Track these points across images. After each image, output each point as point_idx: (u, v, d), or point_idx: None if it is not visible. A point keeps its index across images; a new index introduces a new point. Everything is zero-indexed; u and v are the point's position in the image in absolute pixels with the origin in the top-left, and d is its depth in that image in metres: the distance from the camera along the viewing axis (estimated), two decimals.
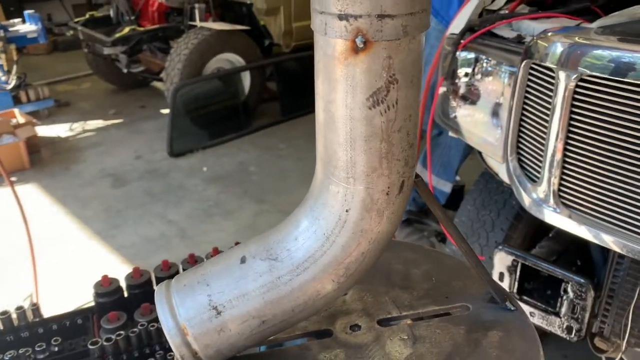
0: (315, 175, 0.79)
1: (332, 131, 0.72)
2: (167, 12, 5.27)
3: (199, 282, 0.78)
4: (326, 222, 0.76)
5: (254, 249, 0.79)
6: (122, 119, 5.38)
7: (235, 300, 0.77)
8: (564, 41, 1.37)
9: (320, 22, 0.67)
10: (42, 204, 3.80)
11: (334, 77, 0.69)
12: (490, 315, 0.93)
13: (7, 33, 4.96)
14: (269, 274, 0.77)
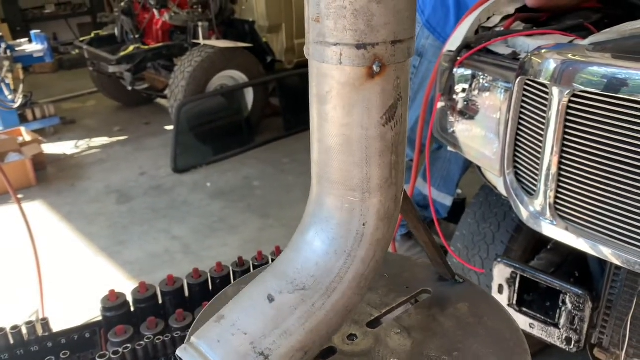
0: (319, 197, 0.80)
1: (347, 153, 0.75)
2: (171, 30, 5.35)
3: (234, 334, 0.76)
4: (345, 240, 0.79)
5: (276, 284, 0.79)
6: (126, 135, 5.44)
7: (278, 339, 0.76)
8: (557, 58, 1.41)
9: (334, 53, 0.70)
10: (49, 220, 3.84)
11: (350, 102, 0.72)
12: (450, 292, 1.07)
13: (14, 53, 5.03)
14: (303, 304, 0.77)
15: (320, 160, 0.78)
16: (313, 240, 0.79)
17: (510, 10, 1.96)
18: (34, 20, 8.51)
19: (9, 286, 3.05)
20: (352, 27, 0.67)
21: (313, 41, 0.71)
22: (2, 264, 3.29)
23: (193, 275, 1.53)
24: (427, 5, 2.33)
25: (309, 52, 0.72)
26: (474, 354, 0.90)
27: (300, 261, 0.79)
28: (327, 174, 0.77)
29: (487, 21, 1.93)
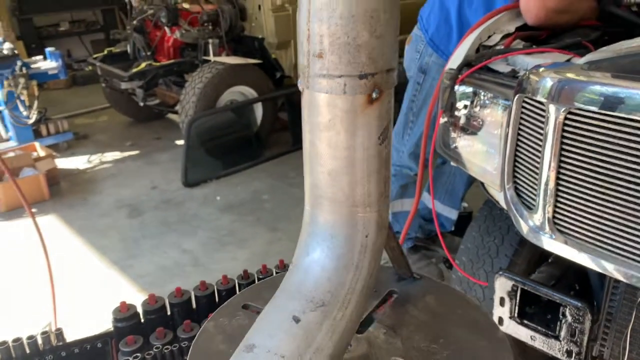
0: (319, 217, 0.86)
1: (350, 173, 0.83)
2: (182, 47, 5.45)
3: (259, 352, 0.81)
4: (352, 254, 0.86)
5: (298, 305, 0.84)
6: (138, 150, 5.53)
7: (314, 356, 0.81)
8: (553, 76, 1.45)
9: (338, 84, 0.77)
10: (62, 234, 3.92)
11: (353, 126, 0.80)
12: (413, 289, 1.19)
13: (29, 70, 5.14)
14: (327, 319, 0.83)
15: (322, 184, 0.84)
16: (321, 258, 0.86)
17: (510, 28, 2.00)
18: (49, 38, 8.69)
19: (23, 298, 3.11)
20: (355, 60, 0.74)
21: (315, 75, 0.78)
22: (17, 276, 3.36)
23: (200, 287, 1.58)
24: (431, 23, 2.39)
25: (308, 84, 0.78)
26: (457, 338, 1.02)
27: (313, 280, 0.85)
28: (330, 194, 0.84)
29: (488, 39, 1.98)
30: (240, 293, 1.19)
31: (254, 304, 1.13)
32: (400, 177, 2.70)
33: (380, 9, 0.70)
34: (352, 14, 0.71)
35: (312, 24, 0.73)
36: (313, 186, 0.85)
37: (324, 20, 0.73)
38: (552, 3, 1.93)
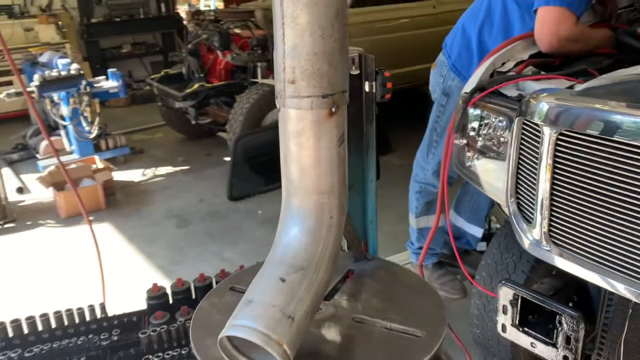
0: (295, 204, 1.09)
1: (319, 168, 1.10)
2: (233, 70, 5.77)
3: (266, 308, 1.05)
4: (320, 231, 1.14)
5: (282, 269, 1.11)
6: (189, 165, 5.86)
7: (297, 305, 1.06)
8: (549, 101, 1.60)
9: (307, 102, 1.04)
10: (114, 240, 4.23)
11: (319, 133, 1.06)
12: (367, 267, 1.52)
13: (92, 89, 5.55)
14: (305, 279, 1.10)
15: (296, 178, 1.09)
16: (297, 235, 1.12)
17: (524, 56, 2.14)
18: (112, 59, 9.28)
19: (76, 293, 3.41)
20: (319, 84, 1.02)
21: (289, 96, 1.05)
22: (73, 274, 3.67)
23: (220, 275, 1.83)
24: (454, 50, 2.55)
25: (284, 103, 1.02)
26: (403, 299, 1.39)
27: (293, 251, 1.12)
28: (303, 186, 1.07)
29: (502, 66, 2.12)
30: (227, 278, 1.48)
31: (238, 286, 1.42)
32: (426, 194, 2.84)
33: (336, 49, 0.92)
34: (316, 52, 0.98)
35: (286, 59, 1.01)
36: (288, 180, 1.09)
37: (296, 57, 1.00)
38: (565, 32, 2.06)
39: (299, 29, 0.97)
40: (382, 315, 1.29)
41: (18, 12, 8.57)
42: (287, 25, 0.98)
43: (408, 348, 1.21)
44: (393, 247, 3.61)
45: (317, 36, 0.96)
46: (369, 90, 1.43)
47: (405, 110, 5.79)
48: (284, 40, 0.99)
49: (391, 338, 1.24)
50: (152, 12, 9.73)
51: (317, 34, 0.97)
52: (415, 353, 1.18)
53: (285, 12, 0.98)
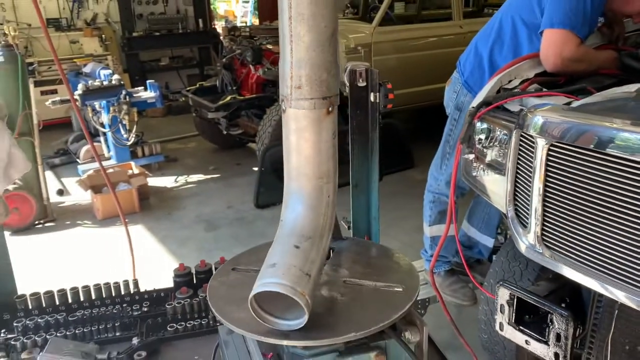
0: (296, 187, 1.30)
1: (319, 157, 1.37)
2: (264, 83, 6.01)
3: (289, 268, 1.31)
4: (320, 207, 1.43)
5: (295, 239, 1.38)
6: (219, 174, 6.11)
7: (310, 265, 1.34)
8: (543, 114, 1.74)
9: (310, 103, 1.28)
10: (147, 241, 4.48)
11: (318, 129, 1.33)
12: (345, 244, 1.84)
13: (131, 99, 5.81)
14: (314, 245, 1.38)
15: (300, 165, 1.31)
16: (302, 211, 1.39)
17: (530, 74, 2.29)
18: (151, 71, 9.68)
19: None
20: (320, 89, 1.25)
21: (296, 99, 1.29)
22: (107, 265, 3.91)
23: (220, 262, 2.07)
24: (467, 67, 2.70)
25: (291, 105, 1.22)
26: (380, 264, 1.70)
27: (300, 225, 1.39)
28: (306, 172, 1.30)
29: (508, 83, 2.27)
30: (227, 262, 1.73)
31: (239, 267, 1.66)
32: (439, 203, 2.98)
33: (332, 61, 1.12)
34: (317, 63, 1.17)
35: (294, 69, 1.22)
36: (292, 168, 1.29)
37: (302, 67, 1.26)
38: (568, 53, 2.21)
39: (304, 45, 1.20)
40: (366, 277, 1.59)
41: (65, 25, 9.05)
42: (294, 43, 1.21)
43: (394, 298, 1.50)
44: (409, 255, 3.74)
45: (319, 51, 1.18)
46: (373, 100, 1.61)
47: (429, 127, 5.94)
48: (291, 54, 1.22)
49: (379, 293, 1.53)
50: (190, 27, 10.14)
51: (319, 49, 1.19)
52: (400, 301, 1.48)
53: (293, 32, 1.21)
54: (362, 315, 1.44)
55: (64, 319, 2.02)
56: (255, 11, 15.37)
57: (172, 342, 1.99)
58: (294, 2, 1.24)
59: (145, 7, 9.92)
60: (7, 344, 2.03)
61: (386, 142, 5.75)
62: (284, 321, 1.31)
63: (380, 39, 5.88)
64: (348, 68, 1.79)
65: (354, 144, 1.84)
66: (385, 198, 5.06)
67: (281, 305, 1.33)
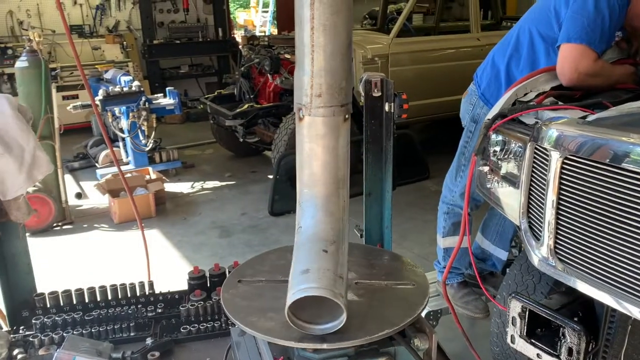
0: (314, 195, 1.33)
1: (337, 163, 1.43)
2: (281, 92, 6.06)
3: (323, 272, 1.36)
4: (338, 212, 1.49)
5: (322, 244, 1.43)
6: (235, 181, 6.16)
7: (340, 268, 1.40)
8: (558, 127, 1.75)
9: (331, 111, 1.33)
10: (162, 245, 4.53)
11: (338, 135, 1.39)
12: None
13: (150, 105, 5.89)
14: (339, 248, 1.44)
15: (318, 171, 1.39)
16: (322, 217, 1.43)
17: (546, 87, 2.30)
18: (170, 78, 9.82)
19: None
20: (339, 97, 1.30)
21: (316, 106, 1.32)
22: (123, 268, 3.95)
23: (234, 266, 2.08)
24: (484, 80, 2.72)
25: (310, 113, 1.24)
26: (383, 264, 1.77)
27: (323, 229, 1.43)
28: (324, 178, 1.35)
29: (524, 96, 2.28)
30: (230, 275, 1.70)
31: (244, 279, 1.67)
32: (453, 215, 2.98)
33: (348, 69, 1.15)
34: (338, 71, 1.27)
35: (314, 78, 1.24)
36: (310, 174, 1.31)
37: (322, 76, 1.30)
38: (584, 68, 2.21)
39: (325, 55, 1.24)
40: (374, 277, 1.64)
41: (88, 32, 9.23)
42: (316, 52, 1.24)
43: (409, 293, 1.55)
44: (423, 267, 3.74)
45: (339, 60, 1.20)
46: (388, 110, 1.63)
47: (446, 138, 5.94)
48: (312, 64, 1.25)
49: (392, 290, 1.57)
50: (210, 36, 10.27)
51: (339, 58, 1.23)
52: (417, 295, 1.54)
53: (315, 42, 1.24)
54: (375, 319, 1.45)
55: (80, 317, 2.07)
56: (274, 21, 15.51)
57: (185, 344, 2.02)
58: (316, 14, 1.27)
59: (167, 16, 10.08)
60: (26, 341, 2.09)
61: (402, 152, 5.78)
62: (318, 326, 1.33)
63: (397, 50, 5.91)
64: (363, 78, 1.82)
65: (368, 153, 1.86)
66: (399, 208, 5.06)
67: (307, 313, 1.36)
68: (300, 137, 1.41)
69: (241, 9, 21.09)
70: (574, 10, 2.26)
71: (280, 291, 1.53)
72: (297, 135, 1.43)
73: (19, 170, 2.03)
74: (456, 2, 10.26)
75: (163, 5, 10.05)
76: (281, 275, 1.66)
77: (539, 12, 2.53)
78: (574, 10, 2.26)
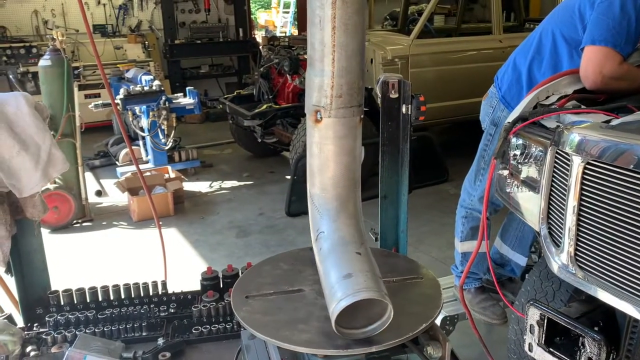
0: (344, 195, 1.42)
1: (355, 163, 1.44)
2: (300, 93, 6.04)
3: (365, 273, 1.37)
4: (356, 213, 1.53)
5: (352, 247, 1.46)
6: (253, 181, 6.16)
7: (376, 267, 1.43)
8: (579, 132, 1.70)
9: (351, 111, 1.34)
10: (180, 244, 4.54)
11: (356, 135, 1.42)
12: None
13: (170, 104, 5.93)
14: (367, 249, 1.48)
15: (340, 173, 1.42)
16: (346, 220, 1.45)
17: (568, 91, 2.24)
18: (191, 78, 9.88)
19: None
20: (357, 96, 1.32)
21: (337, 107, 1.33)
22: (139, 265, 3.98)
23: (246, 267, 2.08)
24: (504, 82, 2.66)
25: (330, 114, 1.24)
26: (384, 262, 1.72)
27: (349, 232, 1.44)
28: (346, 179, 1.36)
29: (546, 99, 2.22)
30: (234, 291, 1.61)
31: (251, 294, 1.60)
32: (471, 219, 2.93)
33: (363, 69, 1.11)
34: (357, 71, 1.28)
35: (335, 78, 1.21)
36: (330, 177, 1.35)
37: (344, 76, 1.28)
38: (609, 71, 2.15)
39: (346, 54, 1.23)
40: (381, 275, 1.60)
41: (110, 31, 9.33)
42: (337, 52, 1.23)
43: (420, 286, 1.56)
44: (439, 271, 3.69)
45: (358, 59, 1.18)
46: (405, 112, 1.60)
47: (466, 141, 5.87)
48: (333, 64, 1.22)
49: (404, 285, 1.57)
50: (231, 36, 10.31)
51: (359, 58, 1.21)
52: (430, 287, 1.57)
53: (336, 42, 1.22)
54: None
55: (93, 316, 2.08)
56: (295, 21, 15.53)
57: (197, 345, 2.01)
58: (338, 13, 1.25)
59: (188, 16, 10.14)
60: (39, 338, 2.10)
61: (420, 154, 5.73)
62: (362, 330, 1.32)
63: (417, 51, 5.85)
64: (381, 79, 1.79)
65: (384, 155, 1.83)
66: (417, 211, 5.01)
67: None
68: (316, 139, 1.37)
69: (262, 9, 21.17)
70: (599, 11, 2.20)
71: (295, 301, 1.52)
72: (311, 137, 1.40)
73: (35, 168, 2.04)
74: (478, 4, 10.15)
75: (185, 6, 10.12)
76: (287, 286, 1.62)
77: (562, 14, 2.47)
78: (600, 12, 2.20)
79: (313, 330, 1.36)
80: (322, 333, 1.35)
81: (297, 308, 1.46)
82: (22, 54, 8.04)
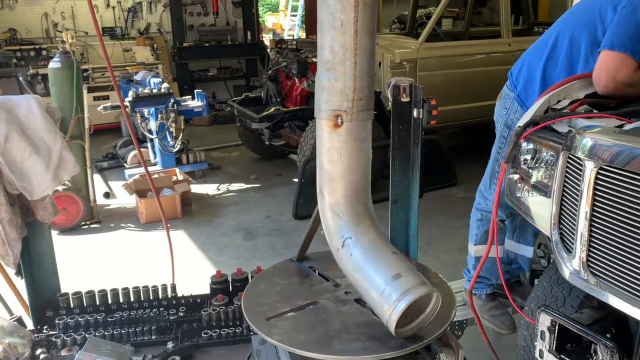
0: (365, 195, 1.46)
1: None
2: (308, 96, 6.05)
3: (411, 272, 1.40)
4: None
5: (387, 247, 1.48)
6: (260, 183, 6.16)
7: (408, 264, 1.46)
8: (592, 136, 1.69)
9: (369, 114, 1.37)
10: (187, 246, 4.55)
11: (370, 137, 1.41)
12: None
13: (179, 107, 5.94)
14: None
15: (361, 172, 1.41)
16: (370, 221, 1.48)
17: (580, 95, 2.22)
18: (199, 81, 9.91)
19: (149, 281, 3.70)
20: (372, 99, 1.24)
21: (358, 110, 1.38)
22: (149, 272, 3.98)
23: (256, 271, 2.08)
24: (520, 81, 2.63)
25: (351, 118, 1.30)
26: None
27: (375, 234, 1.46)
28: (365, 183, 1.35)
29: (557, 103, 2.21)
30: (250, 316, 1.54)
31: (268, 316, 1.52)
32: (486, 222, 2.90)
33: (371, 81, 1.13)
34: (374, 73, 1.20)
35: (357, 82, 1.24)
36: (352, 182, 1.38)
37: (365, 79, 1.30)
38: (622, 77, 2.13)
39: (367, 57, 1.24)
40: None
41: (119, 34, 9.37)
42: (359, 55, 1.23)
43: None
44: (448, 276, 3.67)
45: (373, 62, 1.20)
46: (416, 116, 1.59)
47: (475, 144, 5.85)
48: (355, 67, 1.22)
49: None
50: (239, 39, 10.34)
51: (373, 60, 1.22)
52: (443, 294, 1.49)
53: (359, 45, 1.22)
54: None
55: (103, 319, 2.08)
56: (302, 25, 15.55)
57: (206, 349, 2.01)
58: (360, 16, 1.25)
59: (197, 19, 10.18)
60: (49, 341, 2.10)
61: (429, 158, 5.71)
62: (412, 324, 1.34)
63: (426, 54, 5.85)
64: (391, 83, 1.78)
65: (395, 159, 1.81)
66: (425, 215, 4.99)
67: None
68: (337, 144, 1.34)
69: (270, 12, 21.22)
70: (622, 16, 2.17)
71: (317, 314, 1.52)
72: (330, 142, 1.36)
73: (46, 170, 2.05)
74: (487, 7, 10.13)
75: (193, 9, 10.16)
76: (299, 300, 1.60)
77: (581, 16, 2.43)
78: (622, 17, 2.17)
79: (363, 337, 1.38)
80: (371, 339, 1.37)
81: (326, 320, 1.47)
82: (32, 56, 8.10)
